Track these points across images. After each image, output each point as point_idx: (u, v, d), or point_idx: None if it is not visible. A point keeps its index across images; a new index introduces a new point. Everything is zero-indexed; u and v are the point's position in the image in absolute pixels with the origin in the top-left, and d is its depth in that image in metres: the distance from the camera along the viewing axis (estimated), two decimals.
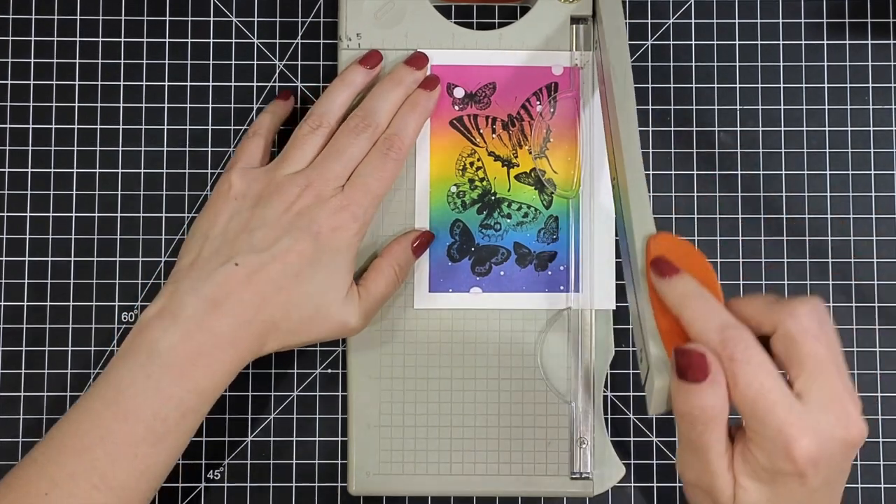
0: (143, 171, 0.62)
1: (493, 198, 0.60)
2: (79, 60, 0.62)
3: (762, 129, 0.62)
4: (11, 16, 0.62)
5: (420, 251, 0.59)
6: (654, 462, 0.61)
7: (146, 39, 0.62)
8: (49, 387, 0.60)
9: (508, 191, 0.60)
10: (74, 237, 0.61)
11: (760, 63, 0.62)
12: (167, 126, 0.62)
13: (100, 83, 0.62)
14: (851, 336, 0.61)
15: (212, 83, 0.62)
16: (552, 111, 0.60)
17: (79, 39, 0.62)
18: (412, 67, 0.59)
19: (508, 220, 0.60)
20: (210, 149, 0.62)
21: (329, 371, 0.61)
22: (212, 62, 0.62)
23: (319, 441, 0.61)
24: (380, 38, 0.60)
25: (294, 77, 0.62)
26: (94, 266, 0.61)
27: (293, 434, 0.61)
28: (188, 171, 0.62)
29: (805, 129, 0.62)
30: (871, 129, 0.62)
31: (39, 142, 0.62)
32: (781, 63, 0.62)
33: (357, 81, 0.58)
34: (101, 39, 0.62)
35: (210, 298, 0.51)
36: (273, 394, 0.61)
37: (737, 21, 0.63)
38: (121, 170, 0.62)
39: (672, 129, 0.62)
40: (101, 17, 0.62)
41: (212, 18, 0.62)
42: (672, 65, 0.62)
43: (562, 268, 0.60)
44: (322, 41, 0.62)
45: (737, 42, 0.63)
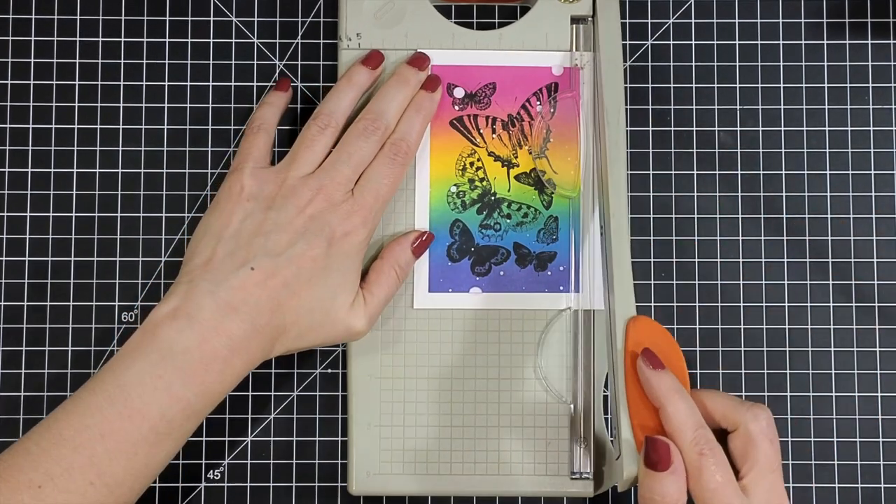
0: (143, 171, 0.62)
1: (493, 198, 0.60)
2: (79, 60, 0.62)
3: (762, 129, 0.62)
4: (11, 16, 0.62)
5: (420, 252, 0.59)
6: None
7: (146, 39, 0.62)
8: (49, 387, 0.60)
9: (508, 191, 0.60)
10: (74, 237, 0.61)
11: (760, 63, 0.62)
12: (167, 126, 0.62)
13: (100, 83, 0.62)
14: (851, 336, 0.61)
15: (212, 83, 0.62)
16: (552, 111, 0.60)
17: (79, 39, 0.62)
18: (416, 68, 0.59)
19: (508, 221, 0.60)
20: (210, 149, 0.62)
21: (329, 371, 0.61)
22: (212, 62, 0.62)
23: (319, 441, 0.61)
24: (380, 38, 0.60)
25: (294, 77, 0.62)
26: (94, 266, 0.61)
27: (293, 434, 0.61)
28: (188, 171, 0.62)
29: (805, 129, 0.62)
30: (871, 129, 0.62)
31: (39, 142, 0.62)
32: (781, 63, 0.62)
33: (362, 81, 0.59)
34: (101, 39, 0.62)
35: (227, 302, 0.51)
36: (273, 394, 0.61)
37: (737, 21, 0.63)
38: (121, 170, 0.62)
39: (672, 129, 0.62)
40: (101, 17, 0.62)
41: (212, 18, 0.62)
42: (672, 65, 0.62)
43: (562, 268, 0.60)
44: (322, 41, 0.62)
45: (737, 42, 0.63)
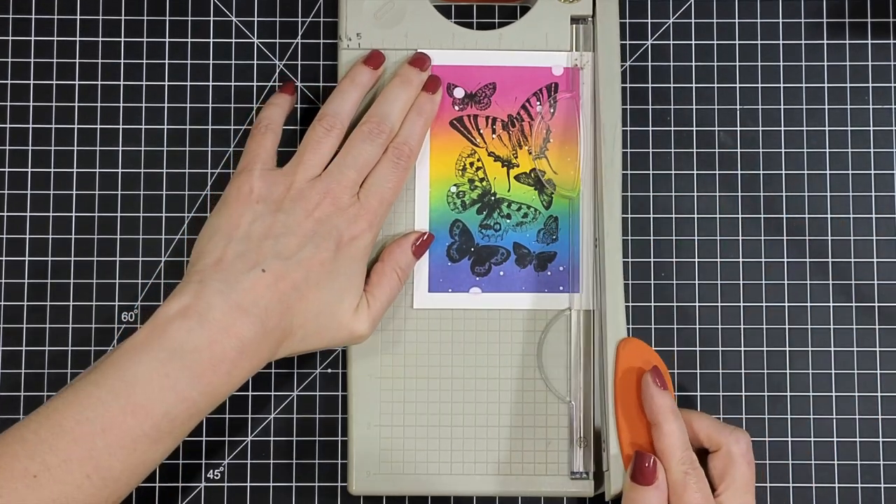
0: (143, 171, 0.62)
1: (493, 198, 0.60)
2: (79, 60, 0.62)
3: (762, 129, 0.62)
4: (11, 16, 0.62)
5: (420, 253, 0.59)
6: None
7: (146, 39, 0.62)
8: (49, 386, 0.60)
9: (508, 191, 0.60)
10: (74, 237, 0.61)
11: (760, 63, 0.62)
12: (167, 126, 0.62)
13: (100, 83, 0.62)
14: (851, 336, 0.61)
15: (212, 83, 0.62)
16: (552, 111, 0.60)
17: (79, 39, 0.62)
18: (417, 68, 0.59)
19: (508, 221, 0.60)
20: (210, 149, 0.62)
21: (329, 371, 0.61)
22: (212, 62, 0.62)
23: (319, 441, 0.61)
24: (380, 38, 0.60)
25: (294, 77, 0.62)
26: (94, 266, 0.61)
27: (293, 434, 0.61)
28: (188, 171, 0.62)
29: (805, 129, 0.62)
30: (871, 129, 0.62)
31: (39, 142, 0.62)
32: (781, 63, 0.62)
33: (365, 81, 0.59)
34: (101, 39, 0.62)
35: (238, 303, 0.51)
36: (273, 394, 0.61)
37: (737, 21, 0.63)
38: (121, 170, 0.62)
39: (672, 129, 0.62)
40: (101, 17, 0.62)
41: (212, 18, 0.62)
42: (672, 65, 0.62)
43: (561, 268, 0.60)
44: (322, 41, 0.62)
45: (737, 42, 0.63)
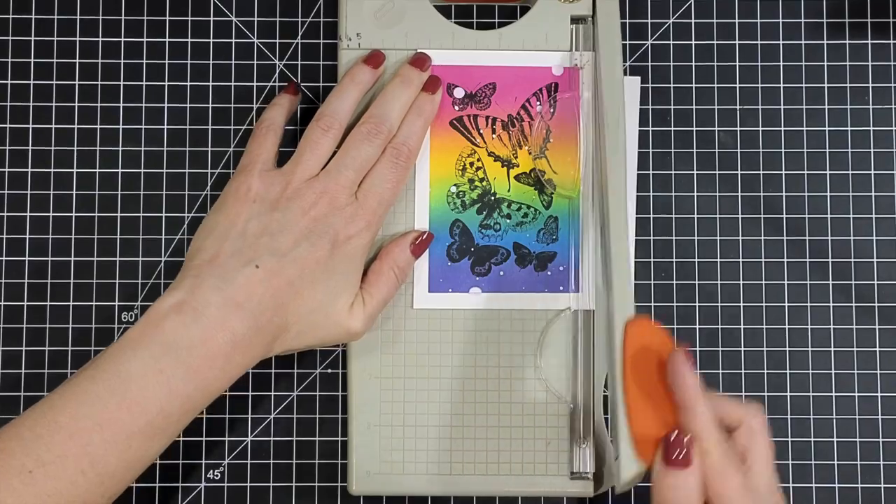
0: (143, 171, 0.62)
1: (493, 198, 0.60)
2: (79, 60, 0.62)
3: (762, 129, 0.62)
4: (11, 16, 0.62)
5: (419, 252, 0.59)
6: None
7: (146, 39, 0.62)
8: (49, 386, 0.60)
9: (508, 191, 0.60)
10: (74, 237, 0.61)
11: (760, 63, 0.62)
12: (167, 126, 0.62)
13: (100, 83, 0.62)
14: (851, 336, 0.61)
15: (212, 83, 0.62)
16: (552, 111, 0.60)
17: (79, 39, 0.62)
18: (417, 68, 0.59)
19: (508, 221, 0.60)
20: (210, 149, 0.62)
21: (329, 371, 0.61)
22: (212, 62, 0.62)
23: (319, 441, 0.61)
24: (380, 38, 0.60)
25: (294, 77, 0.62)
26: (94, 266, 0.61)
27: (293, 434, 0.61)
28: (188, 171, 0.62)
29: (805, 129, 0.62)
30: (871, 129, 0.62)
31: (39, 142, 0.62)
32: (781, 63, 0.62)
33: (364, 80, 0.59)
34: (101, 39, 0.62)
35: (232, 298, 0.51)
36: (273, 394, 0.61)
37: (737, 21, 0.63)
38: (121, 170, 0.62)
39: (672, 129, 0.62)
40: (101, 17, 0.62)
41: (212, 18, 0.62)
42: (672, 65, 0.62)
43: (561, 268, 0.60)
44: (322, 41, 0.62)
45: (737, 42, 0.63)
